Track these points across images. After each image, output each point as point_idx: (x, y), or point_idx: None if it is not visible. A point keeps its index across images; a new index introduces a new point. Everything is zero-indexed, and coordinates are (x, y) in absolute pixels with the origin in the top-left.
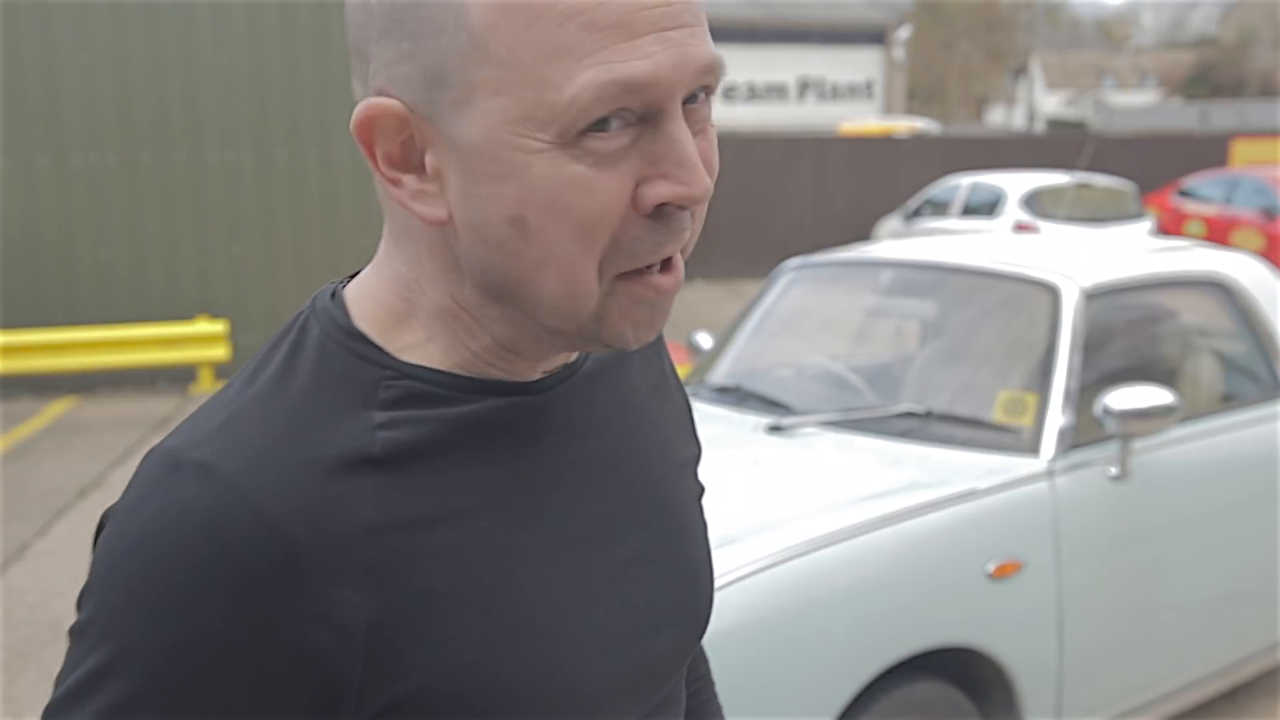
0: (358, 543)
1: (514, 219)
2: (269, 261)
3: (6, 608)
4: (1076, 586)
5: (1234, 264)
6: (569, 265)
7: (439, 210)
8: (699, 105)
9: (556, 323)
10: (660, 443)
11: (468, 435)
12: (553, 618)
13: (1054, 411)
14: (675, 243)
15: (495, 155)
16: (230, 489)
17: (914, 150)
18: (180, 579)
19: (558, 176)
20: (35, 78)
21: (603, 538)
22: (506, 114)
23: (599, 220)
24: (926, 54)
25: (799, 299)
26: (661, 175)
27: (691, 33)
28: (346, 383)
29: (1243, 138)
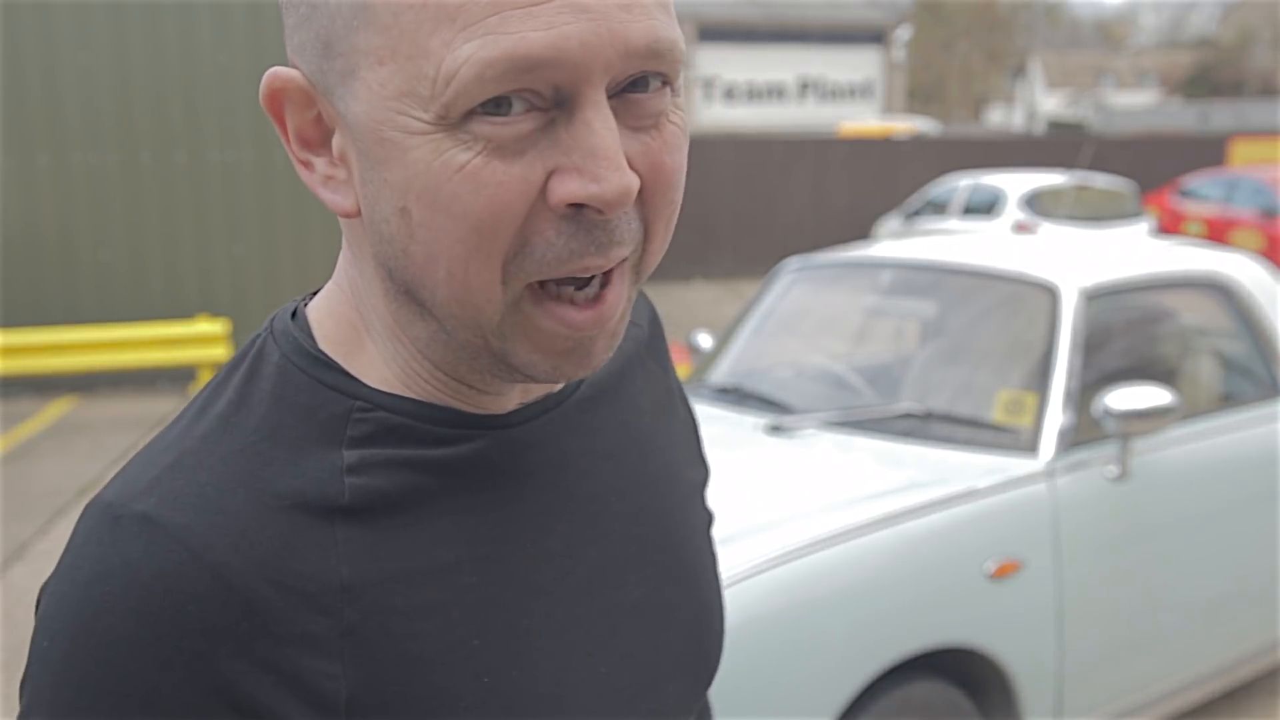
0: (331, 603)
1: (401, 210)
2: (269, 261)
3: (6, 608)
4: (1076, 586)
5: (1233, 264)
6: (459, 266)
7: (347, 199)
8: (648, 96)
9: (464, 335)
10: (668, 473)
11: (448, 479)
12: (551, 679)
13: (1053, 411)
14: (598, 255)
15: (379, 136)
16: (180, 545)
17: (914, 150)
18: (127, 654)
19: (441, 164)
20: (35, 78)
21: (606, 584)
22: (388, 88)
23: (493, 217)
24: (926, 54)
25: (799, 299)
26: (574, 168)
27: (624, 5)
28: (310, 417)
29: (1242, 138)
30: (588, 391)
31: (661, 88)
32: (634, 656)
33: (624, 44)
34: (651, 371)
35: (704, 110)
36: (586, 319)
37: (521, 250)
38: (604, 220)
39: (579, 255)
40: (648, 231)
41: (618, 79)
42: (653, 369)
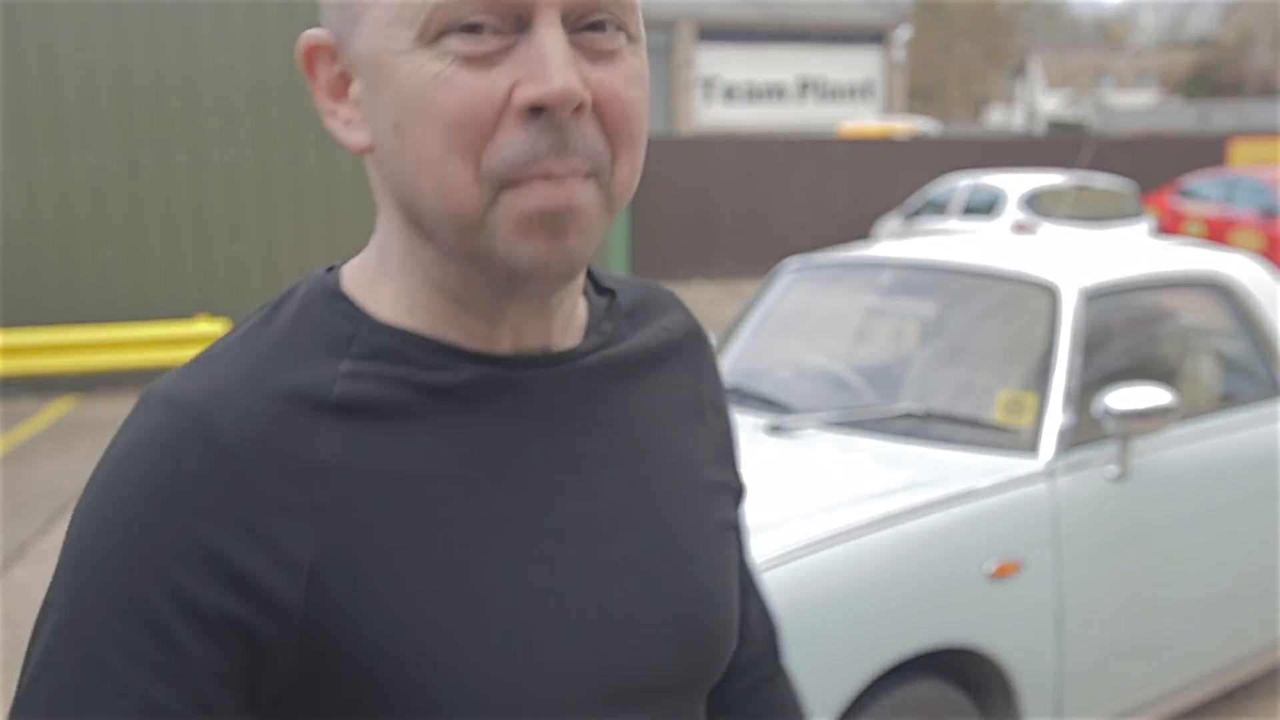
0: (306, 479)
1: (395, 125)
2: (269, 261)
3: (6, 608)
4: (1076, 586)
5: (1233, 264)
6: (439, 167)
7: (362, 136)
8: (603, 35)
9: (454, 240)
10: (675, 460)
11: (435, 401)
12: (510, 600)
13: (1053, 411)
14: (557, 159)
15: (377, 63)
16: (186, 413)
17: (914, 150)
18: (134, 495)
19: (420, 75)
20: (35, 78)
21: (586, 535)
22: (381, 20)
23: (465, 117)
24: (926, 54)
25: (799, 299)
26: (529, 75)
27: None
28: (320, 333)
29: (1242, 138)
30: (594, 363)
31: (616, 33)
32: (609, 610)
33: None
34: (680, 376)
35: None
36: (554, 192)
37: (491, 151)
38: (560, 126)
39: (538, 157)
40: (614, 156)
41: (571, 12)
42: (682, 374)
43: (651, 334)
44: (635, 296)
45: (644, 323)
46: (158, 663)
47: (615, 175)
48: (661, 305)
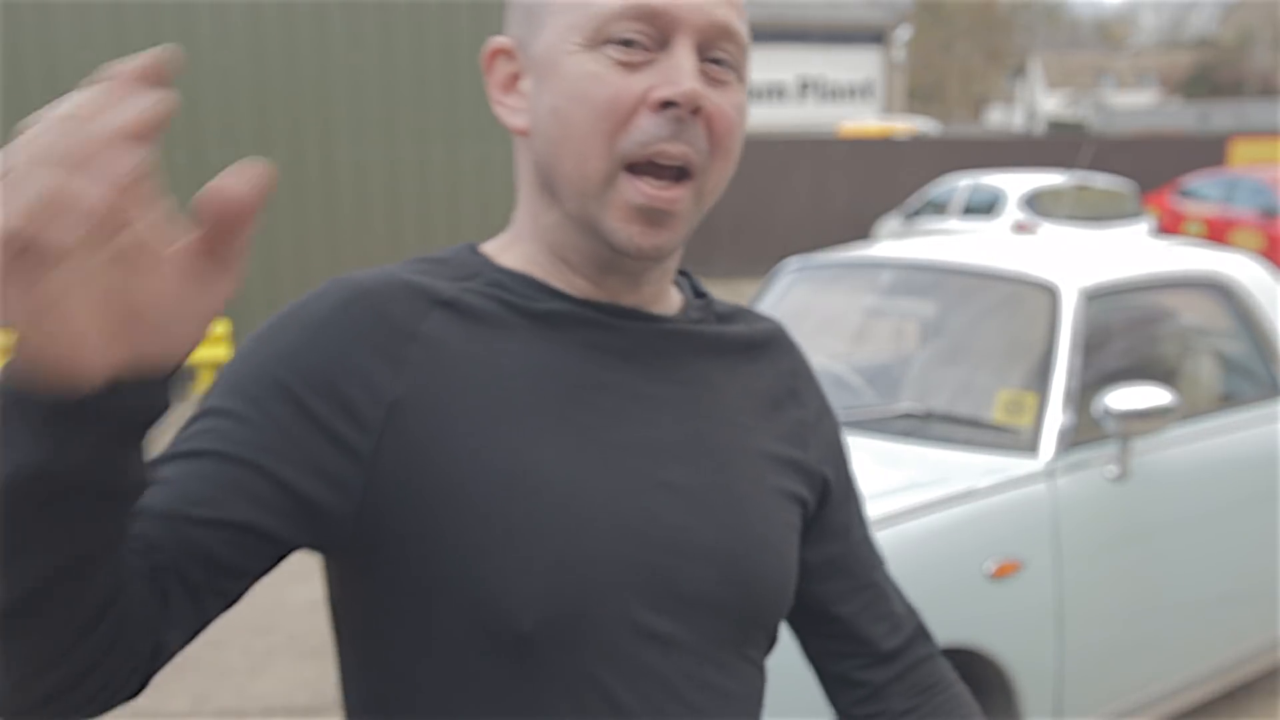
0: (404, 339)
1: (553, 109)
2: (269, 261)
3: None
4: (1076, 586)
5: (1233, 264)
6: (581, 142)
7: (523, 120)
8: (719, 68)
9: (575, 206)
10: (737, 426)
11: (528, 322)
12: (563, 482)
13: (1053, 411)
14: (674, 143)
15: (550, 60)
16: (337, 281)
17: (914, 150)
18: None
19: (582, 70)
20: (35, 78)
21: (642, 455)
22: (559, 26)
23: (609, 107)
24: (926, 54)
25: (799, 299)
26: (664, 80)
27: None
28: (455, 269)
29: (1242, 138)
30: (674, 329)
31: (730, 70)
32: (655, 518)
33: (709, 16)
34: (760, 369)
35: None
36: (658, 194)
37: (624, 134)
38: (680, 119)
39: (659, 139)
40: (711, 159)
41: (702, 43)
42: (763, 368)
43: (735, 330)
44: (733, 310)
45: (732, 323)
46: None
47: (709, 176)
48: (755, 318)
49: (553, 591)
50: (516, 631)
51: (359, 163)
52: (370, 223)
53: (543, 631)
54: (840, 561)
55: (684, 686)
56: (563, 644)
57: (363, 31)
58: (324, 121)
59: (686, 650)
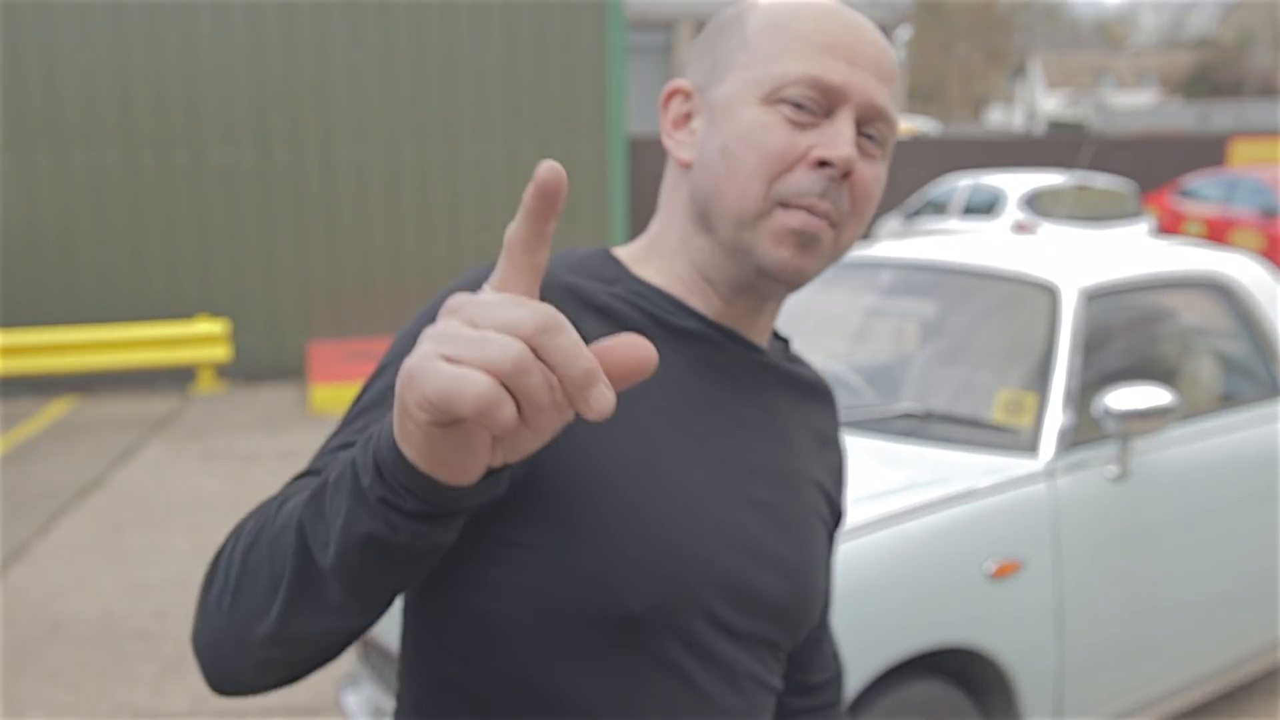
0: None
1: (723, 148)
2: (269, 261)
3: (7, 608)
4: (1076, 586)
5: (1234, 264)
6: (745, 180)
7: (689, 153)
8: (870, 142)
9: (730, 232)
10: (798, 453)
11: (663, 334)
12: (685, 482)
13: (1053, 411)
14: (821, 200)
15: (728, 106)
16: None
17: (913, 151)
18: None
19: (756, 120)
20: (35, 78)
21: (739, 471)
22: (744, 78)
23: (776, 155)
24: (926, 54)
25: (799, 299)
26: (825, 144)
27: (872, 79)
28: (594, 269)
29: (1242, 138)
30: (770, 362)
31: (879, 146)
32: (744, 528)
33: (870, 97)
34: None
35: None
36: (809, 220)
37: (783, 180)
38: (832, 178)
39: (811, 193)
40: (849, 218)
41: (861, 118)
42: (815, 411)
43: (804, 371)
44: (798, 355)
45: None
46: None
47: (844, 232)
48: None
49: (662, 580)
50: (627, 612)
51: (359, 163)
52: (370, 223)
53: (649, 614)
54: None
55: (741, 676)
56: (661, 627)
57: (363, 31)
58: (324, 121)
59: (748, 646)
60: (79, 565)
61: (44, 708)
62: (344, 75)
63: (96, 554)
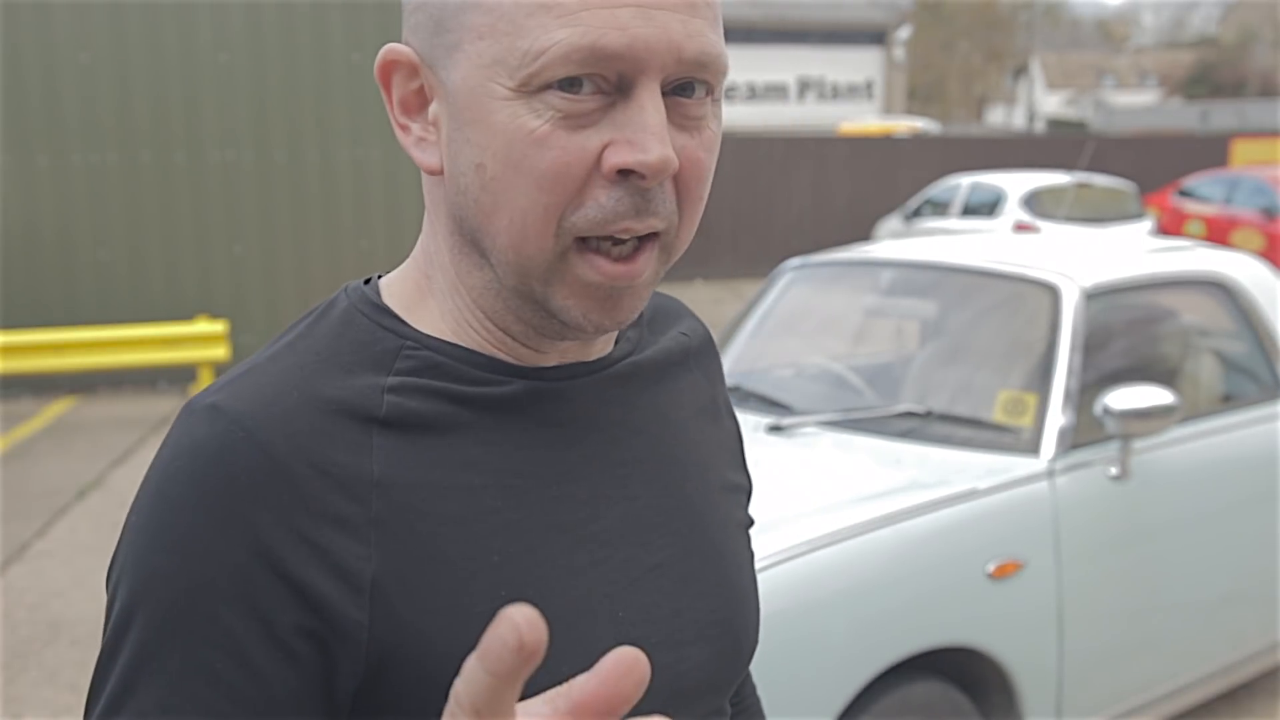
0: (363, 493)
1: (477, 165)
2: (269, 261)
3: (6, 608)
4: (1076, 586)
5: (1234, 264)
6: (520, 215)
7: (434, 158)
8: (692, 101)
9: (513, 280)
10: (700, 461)
11: (481, 414)
12: (566, 607)
13: (1054, 411)
14: (636, 220)
15: (470, 99)
16: (237, 426)
17: (914, 150)
18: (189, 513)
19: (515, 127)
20: (35, 78)
21: (628, 539)
22: (484, 57)
23: (555, 176)
24: (926, 54)
25: (799, 299)
26: (625, 140)
27: (683, 20)
28: (365, 349)
29: (1243, 138)
30: (625, 369)
31: (705, 96)
32: (653, 611)
33: (679, 52)
34: (697, 380)
35: None
36: (618, 271)
37: (575, 208)
38: (644, 189)
39: (621, 217)
40: (681, 216)
41: (670, 78)
42: (698, 378)
43: (671, 339)
44: (651, 305)
45: (662, 330)
46: (239, 686)
47: (679, 235)
48: (675, 313)
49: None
50: None
51: (359, 163)
52: (370, 223)
53: None
54: None
55: None
56: None
57: (363, 31)
58: (323, 121)
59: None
60: (79, 565)
61: (43, 708)
62: (343, 75)
63: (96, 554)
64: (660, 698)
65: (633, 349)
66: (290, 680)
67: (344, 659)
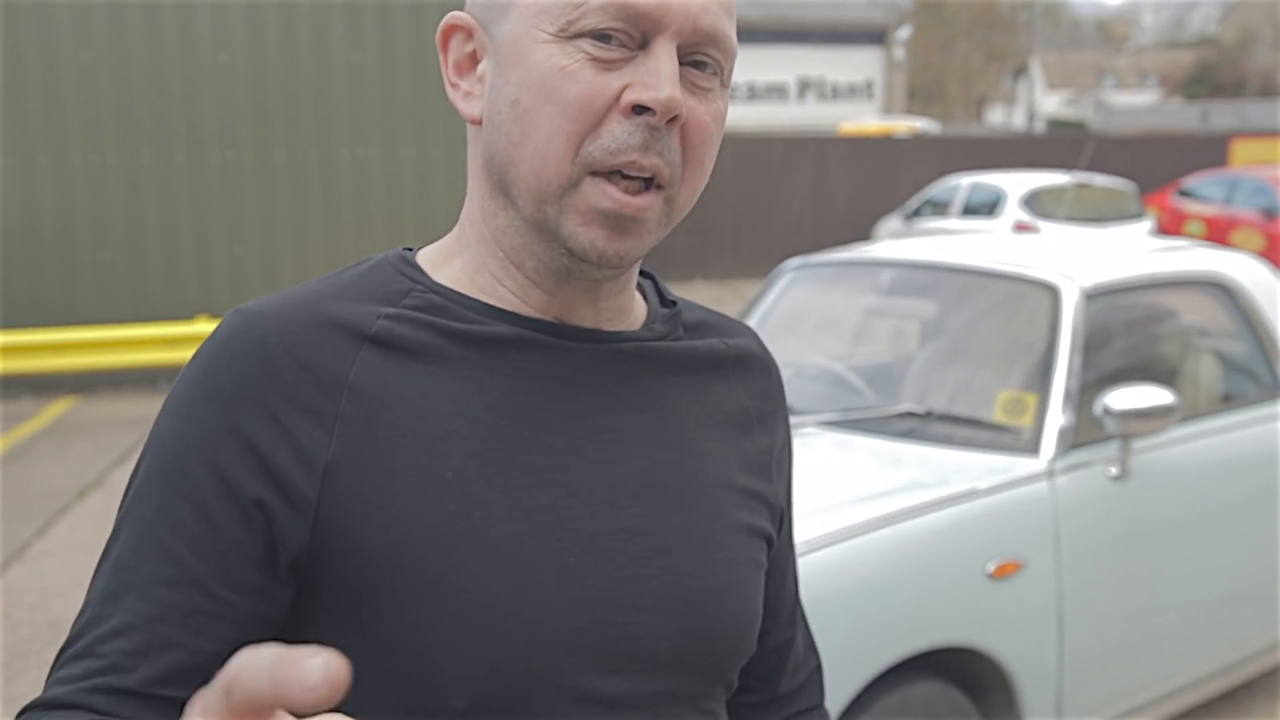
0: (335, 391)
1: (514, 101)
2: (269, 261)
3: (6, 608)
4: (1076, 586)
5: (1234, 264)
6: (544, 140)
7: (476, 109)
8: (703, 74)
9: (531, 208)
10: (705, 455)
11: (467, 350)
12: (509, 538)
13: (1054, 411)
14: (645, 154)
15: (514, 45)
16: (246, 321)
17: (914, 150)
18: (194, 386)
19: (551, 64)
20: (35, 78)
21: (597, 497)
22: (532, 9)
23: (578, 105)
24: (926, 54)
25: (799, 299)
26: (641, 83)
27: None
28: (380, 287)
29: (1243, 138)
30: (633, 349)
31: (713, 76)
32: (609, 569)
33: (696, 21)
34: (731, 389)
35: None
36: (625, 200)
37: (593, 137)
38: (654, 127)
39: (631, 149)
40: (684, 172)
41: (685, 45)
42: (733, 387)
43: (707, 344)
44: (703, 317)
45: (703, 336)
46: (197, 534)
47: (681, 190)
48: (730, 330)
49: (493, 667)
50: (451, 710)
51: (359, 162)
52: (370, 223)
53: (478, 710)
54: (772, 603)
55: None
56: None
57: (363, 31)
58: (323, 121)
59: (637, 711)
60: (79, 565)
61: None
62: (344, 75)
63: (96, 554)
64: (607, 654)
65: (655, 337)
66: (241, 536)
67: (289, 529)
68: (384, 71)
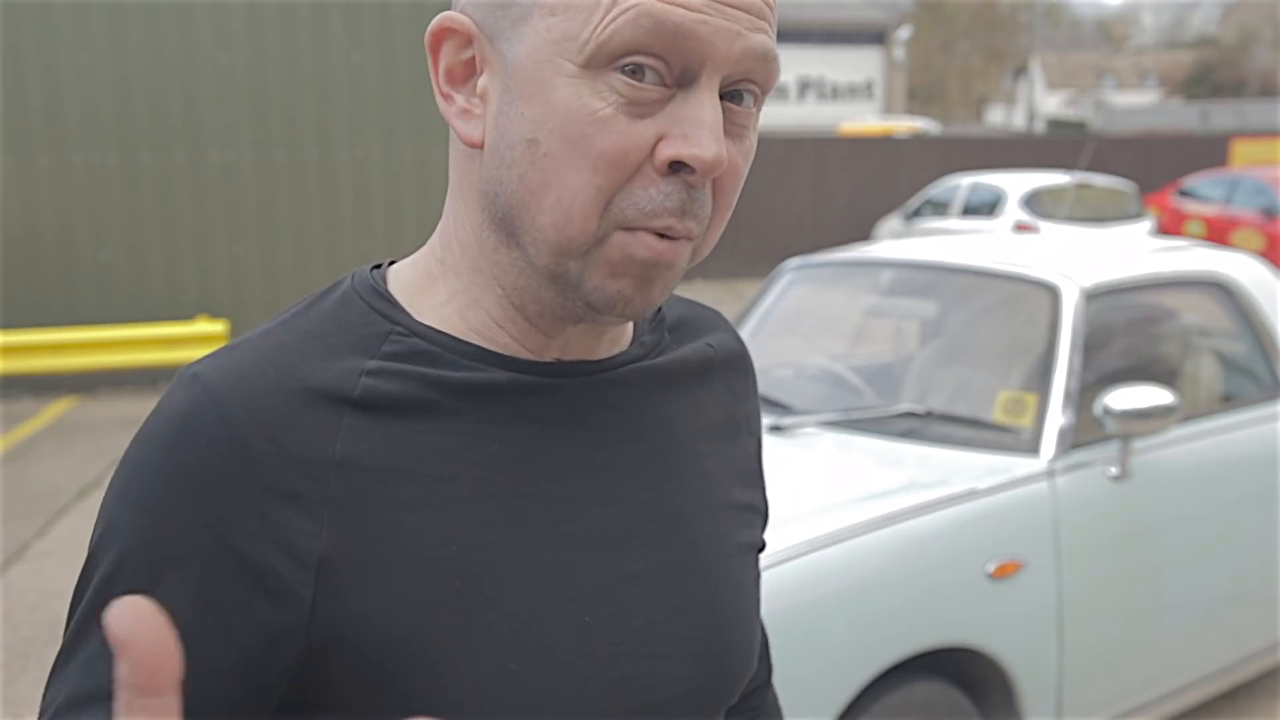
0: (320, 472)
1: (530, 140)
2: (269, 261)
3: (6, 608)
4: (1076, 587)
5: (1234, 264)
6: (570, 194)
7: (476, 131)
8: (741, 108)
9: (547, 260)
10: (702, 475)
11: (460, 402)
12: (521, 606)
13: (1054, 411)
14: (679, 219)
15: (532, 73)
16: (208, 395)
17: (914, 150)
18: (153, 474)
19: (578, 107)
20: (35, 78)
21: (604, 545)
22: (553, 32)
23: (612, 160)
24: (926, 54)
25: (799, 299)
26: (680, 134)
27: (751, 20)
28: (354, 331)
29: (1243, 138)
30: (627, 374)
31: (752, 106)
32: (624, 620)
33: (747, 45)
34: (717, 394)
35: None
36: (661, 248)
37: (624, 193)
38: (692, 186)
39: (668, 213)
40: (710, 221)
41: (728, 79)
42: (718, 392)
43: (693, 349)
44: (682, 313)
45: (687, 338)
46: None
47: (705, 239)
48: (708, 324)
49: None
50: None
51: (359, 163)
52: (370, 223)
53: None
54: None
55: None
56: None
57: (363, 31)
58: (323, 121)
59: None
60: (79, 565)
61: None
62: (344, 75)
63: None
64: (628, 709)
65: (646, 353)
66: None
67: (286, 636)
68: (384, 72)
